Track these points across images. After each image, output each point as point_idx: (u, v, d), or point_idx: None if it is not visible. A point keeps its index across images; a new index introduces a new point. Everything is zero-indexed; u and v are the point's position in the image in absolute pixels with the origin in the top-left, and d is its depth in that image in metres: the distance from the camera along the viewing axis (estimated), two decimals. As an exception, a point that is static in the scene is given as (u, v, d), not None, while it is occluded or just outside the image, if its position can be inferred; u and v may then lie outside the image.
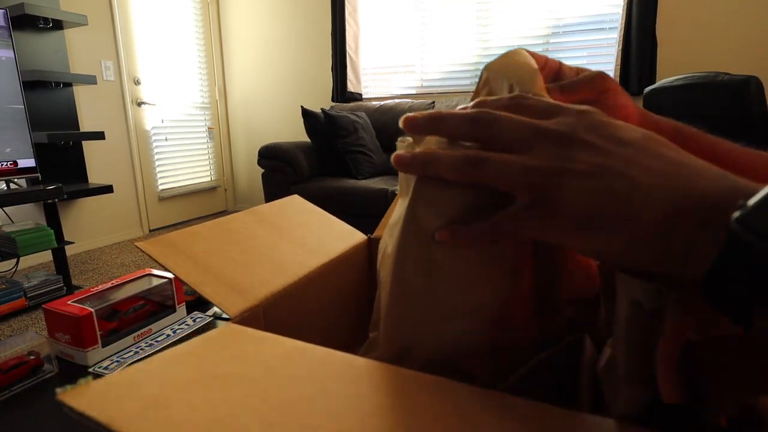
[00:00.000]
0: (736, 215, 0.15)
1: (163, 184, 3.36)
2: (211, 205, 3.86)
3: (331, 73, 3.31)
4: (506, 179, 0.21)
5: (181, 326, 0.69)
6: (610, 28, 2.61)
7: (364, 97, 3.31)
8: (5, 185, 1.90)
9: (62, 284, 1.98)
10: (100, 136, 2.49)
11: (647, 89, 1.90)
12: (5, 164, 1.81)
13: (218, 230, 0.42)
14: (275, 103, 3.70)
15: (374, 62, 3.26)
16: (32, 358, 0.55)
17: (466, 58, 2.97)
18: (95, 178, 2.86)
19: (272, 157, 2.54)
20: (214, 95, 3.81)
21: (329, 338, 0.45)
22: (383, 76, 3.26)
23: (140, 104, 3.13)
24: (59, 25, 2.46)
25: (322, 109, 2.62)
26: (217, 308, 0.77)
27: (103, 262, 2.59)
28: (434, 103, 2.80)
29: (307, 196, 2.46)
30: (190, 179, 3.61)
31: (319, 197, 2.40)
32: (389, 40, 3.17)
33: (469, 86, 3.00)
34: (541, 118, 0.22)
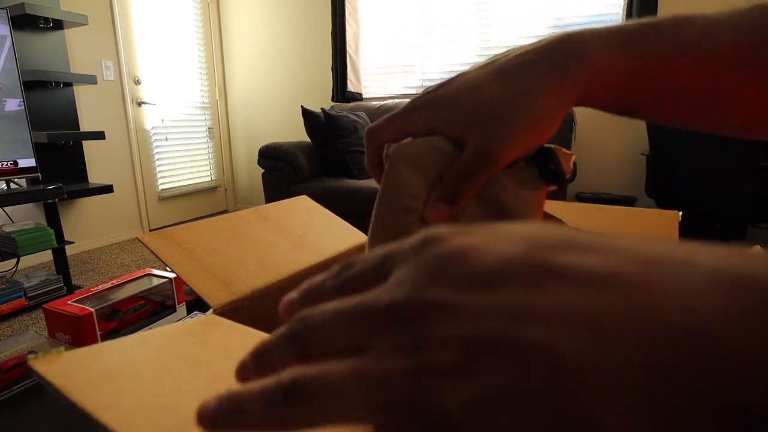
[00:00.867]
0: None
1: (163, 184, 3.36)
2: (211, 205, 3.85)
3: (331, 73, 3.31)
4: (342, 413, 0.12)
5: (181, 326, 0.69)
6: (610, 28, 2.61)
7: (364, 97, 3.31)
8: (5, 185, 1.90)
9: (62, 284, 1.98)
10: (100, 135, 2.49)
11: (647, 89, 1.90)
12: (5, 164, 1.81)
13: (218, 227, 0.43)
14: (275, 103, 3.69)
15: (374, 62, 3.26)
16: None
17: (466, 58, 2.97)
18: (95, 178, 2.86)
19: (272, 157, 2.53)
20: (214, 95, 3.81)
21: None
22: (383, 76, 3.26)
23: (140, 104, 3.13)
24: (59, 25, 2.46)
25: (322, 109, 2.62)
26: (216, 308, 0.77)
27: (103, 262, 2.59)
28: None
29: (307, 196, 2.44)
30: (190, 179, 3.61)
31: (319, 197, 2.39)
32: (389, 40, 3.17)
33: (469, 86, 2.99)
34: (375, 282, 0.14)
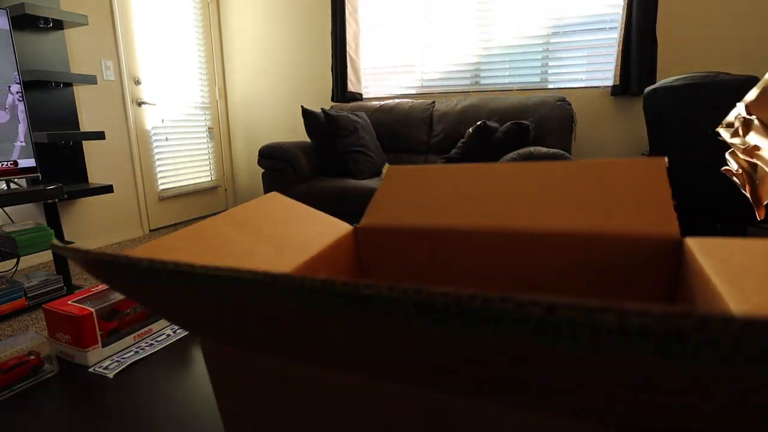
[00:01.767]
0: None
1: (163, 184, 3.36)
2: (211, 204, 3.86)
3: (331, 73, 3.31)
4: None
5: (181, 326, 0.69)
6: (610, 28, 2.61)
7: (364, 96, 3.31)
8: (5, 185, 1.90)
9: (62, 284, 1.98)
10: (100, 136, 2.49)
11: (647, 89, 1.90)
12: (5, 164, 1.81)
13: (190, 239, 0.41)
14: (275, 103, 3.70)
15: (374, 62, 3.26)
16: (32, 358, 0.55)
17: (466, 58, 2.97)
18: (95, 178, 2.86)
19: (272, 156, 2.54)
20: (214, 95, 3.81)
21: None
22: (383, 76, 3.26)
23: (140, 104, 3.13)
24: (59, 25, 2.46)
25: (322, 108, 2.62)
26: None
27: (103, 262, 2.59)
28: (434, 102, 2.80)
29: (307, 195, 2.46)
30: (190, 179, 3.61)
31: (319, 197, 2.40)
32: (389, 39, 3.17)
33: (469, 86, 2.99)
34: None
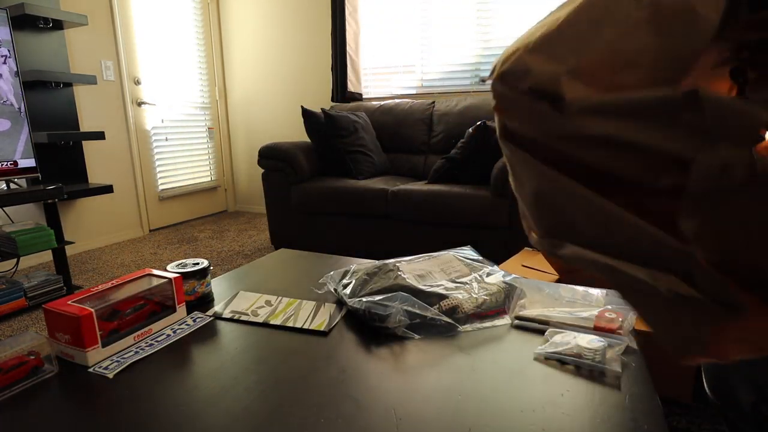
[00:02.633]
0: None
1: (163, 184, 3.36)
2: (211, 205, 3.86)
3: (331, 73, 3.31)
4: None
5: (181, 326, 0.69)
6: (610, 28, 2.61)
7: (364, 97, 3.31)
8: (5, 185, 1.90)
9: (62, 284, 1.98)
10: (100, 136, 2.49)
11: (647, 89, 1.90)
12: (5, 164, 1.81)
13: None
14: (275, 103, 3.70)
15: (374, 62, 3.26)
16: (32, 358, 0.55)
17: (466, 58, 2.97)
18: (95, 178, 2.86)
19: (272, 157, 2.54)
20: (214, 95, 3.81)
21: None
22: (383, 76, 3.26)
23: (140, 104, 3.13)
24: (59, 25, 2.46)
25: (322, 108, 2.62)
26: (217, 308, 0.77)
27: (103, 262, 2.59)
28: (434, 103, 2.80)
29: (307, 196, 2.46)
30: (190, 179, 3.61)
31: (319, 197, 2.40)
32: (389, 40, 3.17)
33: (469, 86, 2.99)
34: None
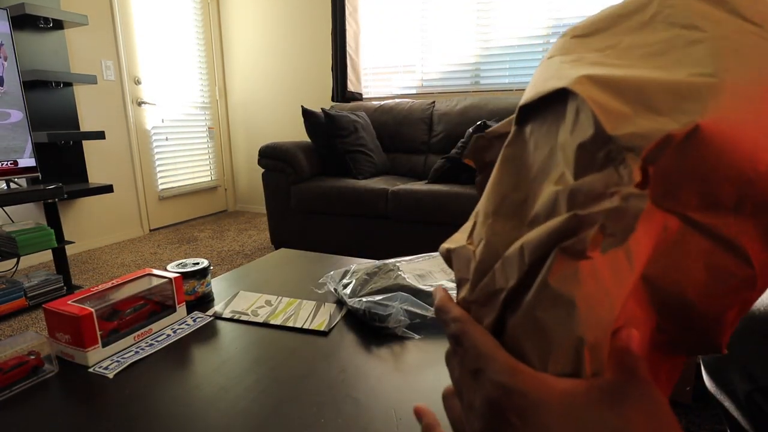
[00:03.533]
0: None
1: (163, 183, 3.36)
2: (211, 204, 3.86)
3: (331, 72, 3.31)
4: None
5: (181, 326, 0.69)
6: (610, 28, 2.61)
7: (364, 96, 3.31)
8: (5, 185, 1.90)
9: (62, 284, 1.98)
10: (100, 135, 2.49)
11: (647, 89, 1.90)
12: (5, 164, 1.81)
13: None
14: (275, 103, 3.70)
15: (374, 62, 3.26)
16: (32, 358, 0.55)
17: (466, 58, 2.97)
18: (95, 177, 2.86)
19: (272, 156, 2.54)
20: (214, 95, 3.81)
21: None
22: (383, 75, 3.26)
23: (140, 104, 3.13)
24: (59, 25, 2.46)
25: (322, 108, 2.62)
26: (217, 308, 0.77)
27: (103, 262, 2.59)
28: (434, 102, 2.80)
29: (307, 195, 2.46)
30: (190, 179, 3.61)
31: (319, 197, 2.40)
32: (389, 40, 3.17)
33: (469, 86, 2.99)
34: (467, 376, 0.21)
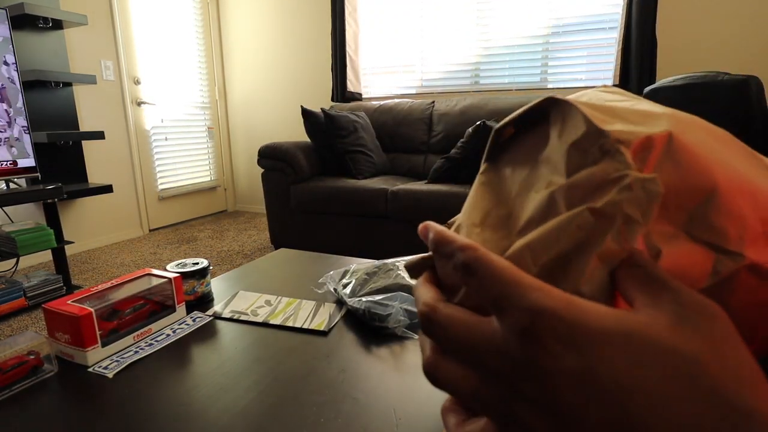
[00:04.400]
0: None
1: (163, 183, 3.36)
2: (211, 204, 3.85)
3: (331, 73, 3.31)
4: (457, 394, 0.18)
5: (180, 326, 0.69)
6: (610, 28, 2.61)
7: (364, 96, 3.31)
8: (5, 185, 1.90)
9: (62, 284, 1.98)
10: (100, 135, 2.49)
11: (647, 89, 1.90)
12: (5, 164, 1.81)
13: None
14: (275, 103, 3.70)
15: (374, 62, 3.26)
16: (32, 357, 0.55)
17: (466, 58, 2.97)
18: (95, 177, 2.86)
19: (272, 156, 2.53)
20: (214, 95, 3.81)
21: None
22: (383, 75, 3.26)
23: (140, 104, 3.13)
24: (59, 24, 2.46)
25: (322, 108, 2.62)
26: (216, 308, 0.77)
27: (103, 261, 2.59)
28: (434, 102, 2.80)
29: (307, 195, 2.46)
30: (190, 179, 3.61)
31: (318, 197, 2.40)
32: (389, 39, 3.17)
33: (468, 86, 2.99)
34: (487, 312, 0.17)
